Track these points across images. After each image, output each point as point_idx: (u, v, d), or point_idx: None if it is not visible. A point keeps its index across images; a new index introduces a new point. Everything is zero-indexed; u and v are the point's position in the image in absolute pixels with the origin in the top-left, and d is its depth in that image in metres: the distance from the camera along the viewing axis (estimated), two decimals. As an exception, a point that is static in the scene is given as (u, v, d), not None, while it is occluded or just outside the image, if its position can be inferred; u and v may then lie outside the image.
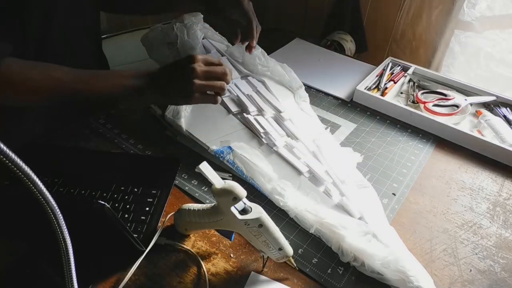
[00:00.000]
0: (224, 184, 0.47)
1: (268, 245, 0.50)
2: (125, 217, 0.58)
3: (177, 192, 0.65)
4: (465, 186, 0.70)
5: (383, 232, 0.55)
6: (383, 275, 0.51)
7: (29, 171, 0.27)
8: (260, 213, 0.48)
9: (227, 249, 0.56)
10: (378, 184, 0.69)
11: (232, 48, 0.89)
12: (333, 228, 0.55)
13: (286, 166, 0.67)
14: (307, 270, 0.54)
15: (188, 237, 0.57)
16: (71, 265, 0.34)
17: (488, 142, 0.76)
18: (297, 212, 0.59)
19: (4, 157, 0.25)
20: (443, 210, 0.65)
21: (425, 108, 0.85)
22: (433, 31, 1.30)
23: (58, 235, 0.32)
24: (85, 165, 0.68)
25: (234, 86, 0.82)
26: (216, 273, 0.53)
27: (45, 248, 0.51)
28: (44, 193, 0.29)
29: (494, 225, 0.63)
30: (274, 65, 0.87)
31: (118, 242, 0.52)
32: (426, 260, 0.57)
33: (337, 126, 0.83)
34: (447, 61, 1.32)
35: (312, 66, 1.04)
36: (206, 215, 0.51)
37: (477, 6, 1.18)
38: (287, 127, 0.74)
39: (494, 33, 1.20)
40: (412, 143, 0.79)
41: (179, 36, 0.84)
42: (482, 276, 0.55)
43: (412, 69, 0.99)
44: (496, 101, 0.89)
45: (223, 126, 0.74)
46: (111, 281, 0.51)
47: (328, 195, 0.63)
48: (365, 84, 0.92)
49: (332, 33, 1.43)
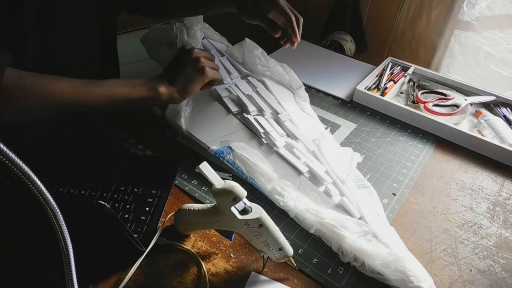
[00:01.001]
0: (224, 184, 0.47)
1: (268, 245, 0.50)
2: (125, 217, 0.57)
3: (177, 192, 0.65)
4: (465, 186, 0.70)
5: (383, 232, 0.55)
6: (383, 275, 0.51)
7: (29, 171, 0.27)
8: (260, 213, 0.48)
9: (227, 249, 0.56)
10: (378, 184, 0.69)
11: (232, 48, 0.89)
12: (333, 228, 0.55)
13: (286, 166, 0.67)
14: (307, 270, 0.54)
15: (188, 237, 0.57)
16: (71, 265, 0.34)
17: (488, 142, 0.76)
18: (297, 212, 0.59)
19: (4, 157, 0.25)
20: (443, 210, 0.65)
21: (425, 108, 0.85)
22: (433, 31, 1.30)
23: (58, 235, 0.32)
24: (85, 165, 0.68)
25: (234, 86, 0.82)
26: (216, 273, 0.53)
27: (45, 248, 0.51)
28: (44, 193, 0.29)
29: (494, 225, 0.63)
30: (274, 65, 0.87)
31: (118, 242, 0.52)
32: (426, 260, 0.57)
33: (337, 126, 0.83)
34: (447, 61, 1.33)
35: (312, 66, 1.04)
36: (206, 215, 0.51)
37: (477, 6, 1.18)
38: (287, 127, 0.74)
39: (494, 33, 1.20)
40: (412, 143, 0.79)
41: (179, 36, 0.84)
42: (482, 276, 0.55)
43: (412, 69, 0.99)
44: (496, 101, 0.89)
45: (223, 126, 0.74)
46: (111, 281, 0.51)
47: (328, 195, 0.63)
48: (365, 84, 0.92)
49: (332, 33, 1.43)
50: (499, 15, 1.18)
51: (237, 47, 0.88)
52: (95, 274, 0.51)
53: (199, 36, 0.87)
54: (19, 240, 0.54)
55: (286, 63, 0.88)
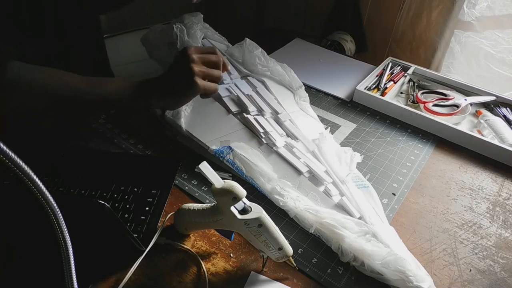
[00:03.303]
0: (224, 184, 0.47)
1: (268, 245, 0.50)
2: (125, 217, 0.58)
3: (177, 192, 0.65)
4: (465, 186, 0.70)
5: (383, 232, 0.55)
6: (383, 275, 0.51)
7: (29, 171, 0.27)
8: (260, 213, 0.48)
9: (227, 249, 0.56)
10: (378, 184, 0.69)
11: (232, 48, 0.89)
12: (333, 228, 0.55)
13: (286, 166, 0.67)
14: (307, 270, 0.54)
15: (188, 237, 0.57)
16: (71, 265, 0.34)
17: (488, 142, 0.76)
18: (297, 212, 0.59)
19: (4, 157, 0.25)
20: (443, 210, 0.65)
21: (425, 108, 0.85)
22: (433, 31, 1.30)
23: (58, 235, 0.32)
24: (85, 165, 0.68)
25: (234, 86, 0.82)
26: (216, 272, 0.53)
27: (45, 247, 0.51)
28: (44, 193, 0.29)
29: (494, 225, 0.63)
30: (274, 65, 0.87)
31: (118, 242, 0.52)
32: (426, 260, 0.57)
33: (337, 126, 0.83)
34: (447, 61, 1.32)
35: (312, 66, 1.04)
36: (206, 215, 0.51)
37: (477, 6, 1.18)
38: (287, 127, 0.74)
39: (494, 33, 1.20)
40: (412, 143, 0.79)
41: (179, 36, 0.84)
42: (482, 276, 0.55)
43: (412, 69, 0.99)
44: (496, 101, 0.89)
45: (223, 126, 0.74)
46: (111, 281, 0.51)
47: (327, 195, 0.63)
48: (365, 84, 0.92)
49: (332, 33, 1.43)
50: (500, 15, 1.18)
51: (237, 47, 0.88)
52: (95, 273, 0.51)
53: (199, 36, 0.87)
54: (19, 240, 0.54)
55: (286, 63, 0.88)
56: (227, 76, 0.84)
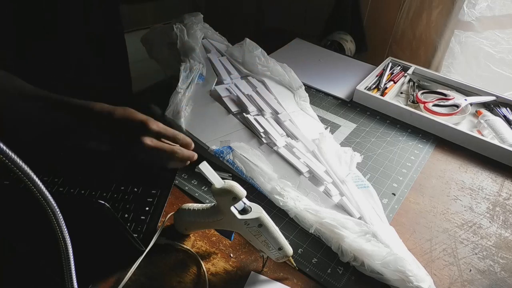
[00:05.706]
0: (224, 184, 0.47)
1: (268, 245, 0.50)
2: (125, 217, 0.58)
3: (177, 192, 0.65)
4: (465, 186, 0.70)
5: (383, 232, 0.55)
6: (382, 275, 0.51)
7: (29, 171, 0.27)
8: (259, 213, 0.48)
9: (227, 249, 0.56)
10: (378, 184, 0.69)
11: (232, 48, 0.89)
12: (333, 228, 0.55)
13: (286, 166, 0.67)
14: (307, 270, 0.54)
15: (188, 237, 0.57)
16: (71, 265, 0.34)
17: (488, 142, 0.76)
18: (297, 212, 0.59)
19: (4, 157, 0.25)
20: (443, 210, 0.65)
21: (425, 108, 0.85)
22: (433, 31, 1.30)
23: (58, 235, 0.32)
24: (85, 165, 0.68)
25: (234, 86, 0.82)
26: (216, 273, 0.53)
27: (45, 247, 0.51)
28: (44, 193, 0.29)
29: (494, 225, 0.63)
30: (274, 65, 0.87)
31: (118, 242, 0.52)
32: (426, 260, 0.57)
33: (337, 126, 0.83)
34: (447, 61, 1.32)
35: (312, 66, 1.04)
36: (206, 214, 0.51)
37: (477, 6, 1.18)
38: (287, 127, 0.74)
39: (494, 33, 1.20)
40: (412, 143, 0.79)
41: (179, 36, 0.84)
42: (481, 276, 0.55)
43: (412, 69, 0.99)
44: (496, 101, 0.89)
45: (223, 126, 0.74)
46: (111, 281, 0.51)
47: (327, 195, 0.63)
48: (365, 84, 0.92)
49: (332, 33, 1.43)
50: (500, 15, 1.17)
51: (237, 47, 0.88)
52: (95, 273, 0.51)
53: (199, 36, 0.87)
54: (19, 240, 0.54)
55: (286, 63, 0.88)
56: (227, 76, 0.84)
